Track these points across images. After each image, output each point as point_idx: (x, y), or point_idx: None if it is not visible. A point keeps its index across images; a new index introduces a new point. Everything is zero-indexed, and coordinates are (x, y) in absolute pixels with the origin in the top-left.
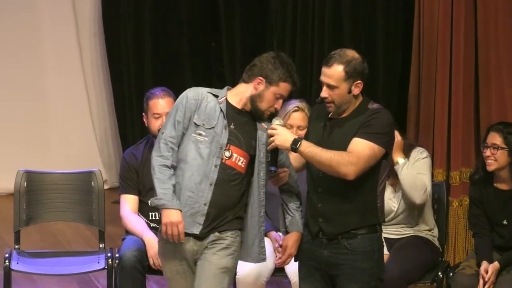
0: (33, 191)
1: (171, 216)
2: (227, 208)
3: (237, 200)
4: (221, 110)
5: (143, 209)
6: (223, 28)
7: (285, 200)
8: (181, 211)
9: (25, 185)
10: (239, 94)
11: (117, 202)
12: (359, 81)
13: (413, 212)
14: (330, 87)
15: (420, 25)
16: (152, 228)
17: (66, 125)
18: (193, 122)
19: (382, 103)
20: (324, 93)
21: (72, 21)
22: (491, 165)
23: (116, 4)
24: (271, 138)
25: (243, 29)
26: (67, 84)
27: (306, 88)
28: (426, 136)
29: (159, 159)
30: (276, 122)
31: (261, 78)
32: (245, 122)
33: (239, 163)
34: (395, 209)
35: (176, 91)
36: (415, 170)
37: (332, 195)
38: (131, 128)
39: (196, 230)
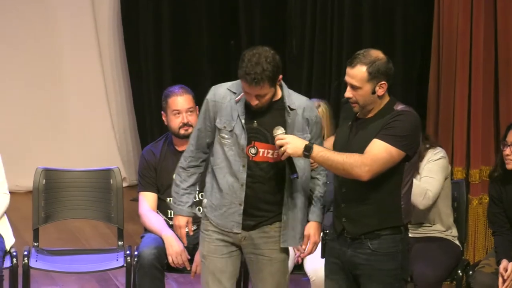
0: (52, 188)
1: (175, 220)
2: (267, 202)
3: (279, 190)
4: (237, 110)
5: (162, 207)
6: (242, 26)
7: (311, 187)
8: (186, 216)
9: (43, 182)
10: None
11: (136, 199)
12: (383, 82)
13: (419, 211)
14: (354, 87)
15: (440, 22)
16: (170, 226)
17: (85, 123)
18: (215, 125)
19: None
20: (348, 93)
21: (91, 19)
22: (511, 164)
23: (135, 2)
24: (282, 149)
25: (262, 27)
26: (86, 81)
27: (325, 86)
28: (446, 134)
29: (180, 160)
30: (278, 132)
31: None
32: (269, 115)
33: (269, 155)
34: None
35: (195, 89)
36: (423, 173)
37: (354, 195)
38: (150, 126)
39: (237, 229)
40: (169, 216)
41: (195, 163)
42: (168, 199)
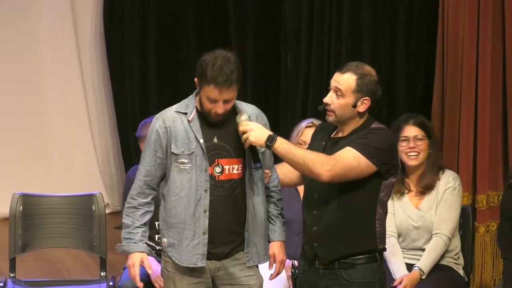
0: (30, 215)
1: (129, 259)
2: (235, 224)
3: (244, 210)
4: (193, 130)
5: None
6: (234, 44)
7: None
8: (143, 252)
9: (21, 209)
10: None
11: (119, 227)
12: (366, 98)
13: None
14: (337, 92)
15: (444, 41)
16: (155, 250)
17: (66, 146)
18: (171, 153)
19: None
20: (328, 98)
21: (73, 38)
22: None
23: (118, 19)
24: (245, 135)
25: (256, 43)
26: (68, 103)
27: (321, 104)
28: (451, 157)
29: (128, 200)
30: (242, 117)
31: (196, 80)
32: (227, 127)
33: (235, 171)
34: (414, 227)
35: None
36: (442, 206)
37: (327, 217)
38: (134, 149)
39: (201, 263)
40: (156, 240)
41: (145, 200)
42: (156, 222)
